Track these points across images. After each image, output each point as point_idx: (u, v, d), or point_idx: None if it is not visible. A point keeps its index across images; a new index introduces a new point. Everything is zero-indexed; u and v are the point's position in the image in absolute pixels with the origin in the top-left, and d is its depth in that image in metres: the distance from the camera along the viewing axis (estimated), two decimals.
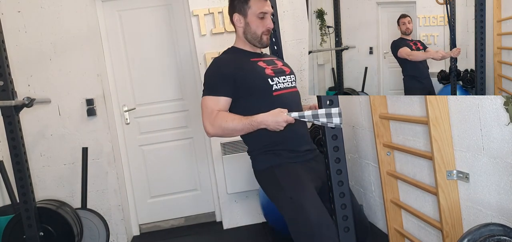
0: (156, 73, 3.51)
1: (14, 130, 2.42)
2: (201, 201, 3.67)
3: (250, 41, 2.00)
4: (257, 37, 1.98)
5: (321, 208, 1.71)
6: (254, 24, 1.96)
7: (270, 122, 1.74)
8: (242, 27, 2.00)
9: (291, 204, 1.74)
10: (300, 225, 1.70)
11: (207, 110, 1.87)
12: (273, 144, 1.89)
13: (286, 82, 1.98)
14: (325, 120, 1.62)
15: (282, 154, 1.88)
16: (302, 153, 1.92)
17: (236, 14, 1.99)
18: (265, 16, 1.97)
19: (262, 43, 2.00)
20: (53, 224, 2.73)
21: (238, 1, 1.99)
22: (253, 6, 1.96)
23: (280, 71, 1.99)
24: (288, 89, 1.97)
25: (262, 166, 1.92)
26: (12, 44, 3.17)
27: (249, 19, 1.97)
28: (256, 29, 1.97)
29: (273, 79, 1.93)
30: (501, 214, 1.65)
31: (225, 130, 1.84)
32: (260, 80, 1.91)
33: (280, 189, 1.82)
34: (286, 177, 1.83)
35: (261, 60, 2.01)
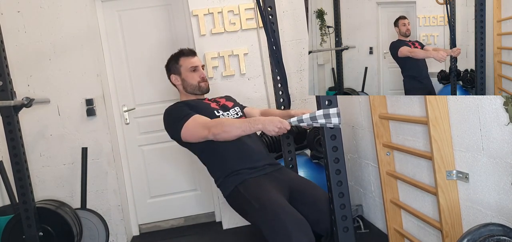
0: (156, 73, 3.51)
1: (13, 130, 2.41)
2: (200, 201, 3.67)
3: (192, 93, 2.30)
4: (196, 87, 2.29)
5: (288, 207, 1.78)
6: (189, 77, 2.29)
7: (267, 123, 1.83)
8: (181, 84, 2.32)
9: (260, 211, 1.82)
10: (274, 229, 1.75)
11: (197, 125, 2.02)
12: (233, 166, 2.03)
13: (230, 114, 2.22)
14: (323, 121, 1.61)
15: (243, 172, 2.01)
16: (261, 167, 2.06)
17: (173, 75, 2.34)
18: (196, 69, 2.30)
19: (202, 90, 2.30)
20: (53, 224, 2.73)
21: (172, 64, 2.34)
22: (183, 64, 2.30)
23: (223, 107, 2.26)
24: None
25: (228, 190, 2.05)
26: (11, 44, 3.17)
27: (184, 75, 2.29)
28: (191, 80, 2.29)
29: (218, 111, 2.18)
30: (500, 214, 1.65)
31: (224, 126, 1.92)
32: (208, 112, 2.13)
33: (247, 204, 1.90)
34: (249, 190, 1.93)
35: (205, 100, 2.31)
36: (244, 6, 3.31)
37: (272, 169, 2.10)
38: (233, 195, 2.02)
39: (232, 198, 2.04)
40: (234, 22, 3.32)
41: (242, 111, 2.34)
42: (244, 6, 3.31)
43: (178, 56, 2.34)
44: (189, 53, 2.34)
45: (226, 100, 2.36)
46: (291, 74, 3.39)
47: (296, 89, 3.44)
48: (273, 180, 2.00)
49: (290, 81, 3.34)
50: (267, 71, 3.33)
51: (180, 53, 2.34)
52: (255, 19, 3.33)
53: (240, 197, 1.96)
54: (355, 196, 3.19)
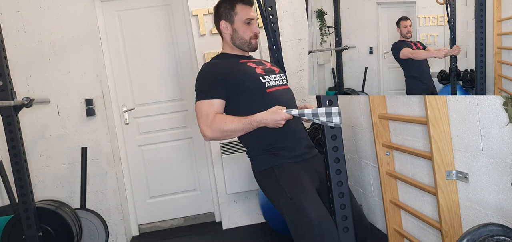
0: (156, 73, 3.51)
1: (13, 130, 2.41)
2: (200, 201, 3.67)
3: (239, 47, 2.06)
4: (246, 42, 2.04)
5: (321, 209, 1.71)
6: (241, 30, 2.02)
7: (269, 120, 1.76)
8: (230, 34, 2.05)
9: (292, 205, 1.73)
10: (301, 227, 1.69)
11: (202, 114, 1.88)
12: (271, 144, 1.89)
13: (277, 80, 2.01)
14: (325, 119, 1.61)
15: (281, 154, 1.88)
16: (301, 153, 1.92)
17: (223, 22, 2.05)
18: (251, 22, 2.04)
19: (251, 47, 2.06)
20: (52, 224, 2.72)
21: (224, 9, 2.04)
22: (239, 13, 2.02)
23: (269, 70, 2.03)
24: (281, 86, 2.00)
25: (261, 167, 1.92)
26: (11, 44, 3.17)
27: (236, 25, 2.03)
28: (243, 34, 2.03)
29: (264, 77, 1.96)
30: (500, 214, 1.65)
31: (224, 132, 1.84)
32: (252, 79, 1.94)
33: (280, 190, 1.81)
34: (286, 178, 1.82)
35: (250, 62, 2.05)
36: None
37: (309, 155, 1.96)
38: (266, 174, 1.90)
39: (264, 176, 1.92)
40: None
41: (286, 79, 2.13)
42: None
43: (235, 2, 2.04)
44: (247, 2, 2.05)
45: (271, 65, 2.14)
46: (291, 74, 3.39)
47: (296, 89, 3.44)
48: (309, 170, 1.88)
49: (290, 81, 3.32)
50: None
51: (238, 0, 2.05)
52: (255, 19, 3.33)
53: (273, 180, 1.85)
54: (355, 196, 3.18)
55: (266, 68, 2.04)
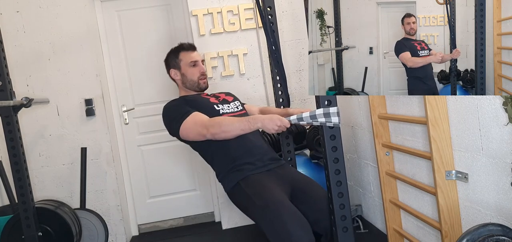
0: (155, 73, 3.51)
1: (12, 130, 2.41)
2: (200, 201, 3.66)
3: (190, 88, 2.27)
4: (195, 83, 2.25)
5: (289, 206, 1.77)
6: (188, 72, 2.24)
7: (266, 121, 1.83)
8: (180, 79, 2.28)
9: (261, 210, 1.80)
10: (274, 227, 1.74)
11: (196, 125, 2.00)
12: (235, 161, 2.01)
13: (231, 108, 2.19)
14: (323, 120, 1.61)
15: (245, 168, 1.99)
16: (264, 163, 2.04)
17: (172, 70, 2.29)
18: (196, 63, 2.25)
19: (200, 87, 2.27)
20: (52, 225, 2.73)
21: (171, 59, 2.30)
22: (183, 59, 2.26)
23: (223, 101, 2.23)
24: (236, 113, 2.18)
25: (230, 185, 2.02)
26: (10, 44, 3.17)
27: (183, 70, 2.25)
28: (191, 76, 2.24)
29: (218, 105, 2.15)
30: (499, 214, 1.65)
31: (222, 125, 1.92)
32: (208, 107, 2.11)
33: (249, 201, 1.89)
34: (252, 188, 1.91)
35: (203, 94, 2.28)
36: (244, 6, 3.31)
37: (274, 165, 2.08)
38: (235, 191, 2.00)
39: (233, 193, 2.03)
40: (233, 22, 3.32)
41: (242, 106, 2.31)
42: (244, 6, 3.31)
43: (178, 51, 2.29)
44: (189, 48, 2.30)
45: (226, 95, 2.33)
46: (290, 74, 3.39)
47: (296, 89, 3.44)
48: (275, 177, 1.99)
49: (289, 82, 3.34)
50: (267, 71, 3.33)
51: (180, 48, 2.30)
52: (254, 19, 3.33)
53: (241, 193, 1.95)
54: (355, 196, 3.18)
55: (219, 99, 2.25)
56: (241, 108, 2.27)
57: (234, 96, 2.35)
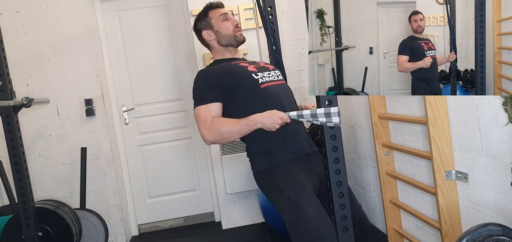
0: (155, 73, 3.51)
1: (12, 130, 2.41)
2: (200, 201, 3.66)
3: (227, 44, 2.09)
4: (231, 36, 2.08)
5: (319, 209, 1.71)
6: (222, 28, 2.08)
7: (265, 121, 1.77)
8: (214, 38, 2.10)
9: (290, 205, 1.73)
10: (299, 227, 1.70)
11: (201, 119, 1.91)
12: (270, 144, 1.89)
13: (271, 76, 2.02)
14: (324, 119, 1.61)
15: (280, 155, 1.88)
16: (300, 153, 1.92)
17: (204, 31, 2.11)
18: (227, 16, 2.11)
19: (237, 39, 2.10)
20: (52, 225, 2.72)
21: (200, 22, 2.13)
22: (213, 16, 2.11)
23: (262, 68, 2.05)
24: (275, 82, 2.00)
25: (260, 168, 1.92)
26: (10, 44, 3.17)
27: (216, 27, 2.09)
28: (226, 30, 2.08)
29: (257, 74, 1.97)
30: (499, 214, 1.65)
31: (222, 134, 1.85)
32: (245, 77, 1.95)
33: (278, 190, 1.81)
34: (284, 178, 1.82)
35: (242, 62, 2.09)
36: (244, 6, 3.31)
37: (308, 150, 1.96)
38: (265, 175, 1.91)
39: (262, 176, 1.93)
40: None
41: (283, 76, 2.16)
42: (244, 6, 3.31)
43: (206, 11, 2.14)
44: (217, 5, 2.15)
45: (265, 63, 2.16)
46: (290, 74, 3.39)
47: (296, 89, 3.44)
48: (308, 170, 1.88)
49: (289, 82, 3.32)
50: None
51: (208, 7, 2.14)
52: (254, 19, 3.33)
53: (272, 180, 1.86)
54: (355, 196, 3.18)
55: (258, 66, 2.06)
56: (281, 78, 2.10)
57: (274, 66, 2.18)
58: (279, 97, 1.90)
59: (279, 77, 2.07)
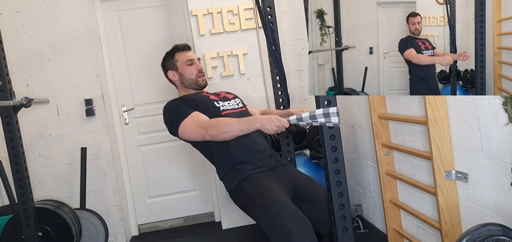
0: (155, 73, 3.49)
1: (12, 130, 2.41)
2: (200, 201, 3.66)
3: (189, 87, 2.28)
4: (194, 81, 2.27)
5: (292, 208, 1.77)
6: (186, 71, 2.26)
7: (264, 122, 1.83)
8: (178, 79, 2.29)
9: (263, 211, 1.80)
10: (276, 227, 1.74)
11: (193, 124, 2.01)
12: (236, 161, 2.00)
13: (231, 105, 2.20)
14: (323, 120, 1.61)
15: (246, 167, 1.98)
16: (265, 162, 2.04)
17: (170, 72, 2.31)
18: (193, 62, 2.28)
19: (199, 84, 2.28)
20: (52, 225, 2.73)
21: (167, 61, 2.32)
22: (179, 59, 2.28)
23: (223, 98, 2.23)
24: (236, 109, 2.19)
25: (232, 185, 2.01)
26: (10, 44, 3.17)
27: (181, 70, 2.27)
28: (190, 74, 2.26)
29: (218, 102, 2.15)
30: (499, 214, 1.65)
31: (221, 127, 1.92)
32: (208, 104, 2.12)
33: (250, 200, 1.88)
34: (253, 187, 1.90)
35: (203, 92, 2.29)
36: (244, 6, 3.31)
37: (276, 164, 2.08)
38: (237, 191, 2.00)
39: (235, 193, 2.02)
40: (233, 22, 3.32)
41: (243, 104, 2.30)
42: (244, 6, 3.31)
43: (173, 52, 2.32)
44: (183, 48, 2.32)
45: (226, 93, 2.33)
46: (290, 74, 3.38)
47: (295, 89, 3.44)
48: (277, 176, 1.98)
49: (289, 81, 3.33)
50: (267, 71, 3.33)
51: (175, 49, 2.33)
52: (254, 19, 3.33)
53: (243, 193, 1.94)
54: (355, 196, 3.18)
55: (219, 97, 2.25)
56: (241, 105, 2.26)
57: (234, 95, 2.35)
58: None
59: (239, 105, 2.25)
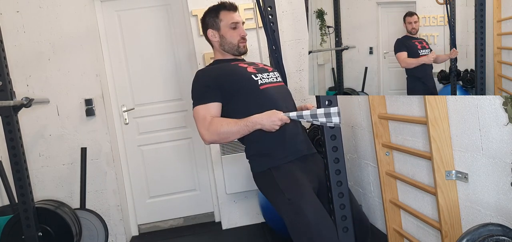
0: (155, 73, 3.51)
1: (12, 130, 2.41)
2: (200, 201, 3.66)
3: (229, 52, 2.10)
4: (234, 46, 2.08)
5: (320, 209, 1.71)
6: (228, 35, 2.07)
7: (265, 122, 1.77)
8: (218, 41, 2.09)
9: (290, 206, 1.74)
10: (299, 227, 1.70)
11: (200, 119, 1.91)
12: (269, 146, 1.89)
13: (270, 78, 2.02)
14: (324, 120, 1.61)
15: (279, 155, 1.88)
16: (298, 154, 1.92)
17: (210, 30, 2.10)
18: (237, 26, 2.08)
19: (239, 51, 2.10)
20: (52, 225, 2.73)
21: (209, 17, 2.10)
22: (224, 19, 2.07)
23: (262, 69, 2.05)
24: (274, 84, 2.01)
25: (260, 169, 1.92)
26: (10, 44, 3.17)
27: (223, 31, 2.07)
28: (231, 39, 2.07)
29: (257, 75, 1.97)
30: (499, 214, 1.65)
31: (221, 134, 1.86)
32: (244, 78, 1.96)
33: (278, 192, 1.81)
34: (283, 179, 1.82)
35: (241, 63, 2.10)
36: (244, 6, 3.31)
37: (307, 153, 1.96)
38: (264, 176, 1.90)
39: (262, 177, 1.93)
40: None
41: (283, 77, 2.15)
42: (244, 6, 3.31)
43: (218, 10, 2.10)
44: (231, 8, 2.11)
45: (264, 65, 2.16)
46: (290, 74, 3.39)
47: (296, 89, 3.44)
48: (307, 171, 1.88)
49: (289, 81, 3.32)
50: None
51: (221, 6, 2.10)
52: (254, 19, 3.33)
53: (271, 181, 1.86)
54: (355, 196, 3.18)
55: (258, 67, 2.06)
56: (280, 80, 2.09)
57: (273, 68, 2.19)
58: (277, 99, 1.91)
59: (278, 79, 2.07)
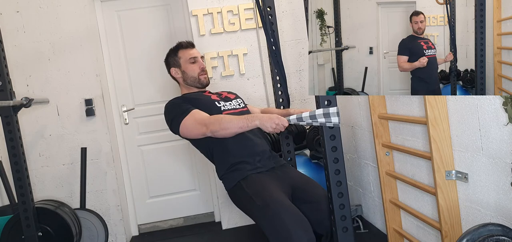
0: (155, 73, 3.51)
1: (12, 130, 2.41)
2: (200, 201, 3.66)
3: (192, 85, 2.30)
4: (196, 79, 2.28)
5: (291, 208, 1.77)
6: (189, 69, 2.28)
7: (265, 121, 1.84)
8: (181, 76, 2.31)
9: (262, 209, 1.81)
10: (274, 226, 1.74)
11: (196, 122, 2.02)
12: (235, 161, 2.02)
13: (232, 105, 2.22)
14: (323, 120, 1.61)
15: (246, 168, 2.00)
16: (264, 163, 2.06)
17: (173, 69, 2.32)
18: (196, 60, 2.30)
19: (201, 82, 2.30)
20: (52, 225, 2.73)
21: (170, 58, 2.34)
22: (182, 56, 2.30)
23: (225, 98, 2.25)
24: (237, 109, 2.20)
25: (231, 184, 2.03)
26: (10, 44, 3.17)
27: (183, 67, 2.29)
28: (192, 72, 2.28)
29: (220, 102, 2.18)
30: (499, 214, 1.65)
31: (222, 123, 1.94)
32: (210, 104, 2.14)
33: (249, 200, 1.89)
34: (252, 187, 1.92)
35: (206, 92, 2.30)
36: (244, 6, 3.31)
37: (275, 165, 2.09)
38: (235, 190, 2.01)
39: (234, 193, 2.03)
40: (233, 22, 3.32)
41: (244, 104, 2.32)
42: (244, 6, 3.31)
43: (177, 49, 2.33)
44: (187, 46, 2.34)
45: (228, 93, 2.35)
46: (290, 74, 3.39)
47: (295, 89, 3.44)
48: (276, 177, 2.00)
49: (289, 82, 3.34)
50: (267, 71, 3.33)
51: (179, 46, 2.34)
52: (254, 19, 3.33)
53: (242, 193, 1.95)
54: (355, 196, 3.19)
55: (221, 97, 2.26)
56: (243, 105, 2.28)
57: (236, 95, 2.37)
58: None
59: (240, 105, 2.26)
